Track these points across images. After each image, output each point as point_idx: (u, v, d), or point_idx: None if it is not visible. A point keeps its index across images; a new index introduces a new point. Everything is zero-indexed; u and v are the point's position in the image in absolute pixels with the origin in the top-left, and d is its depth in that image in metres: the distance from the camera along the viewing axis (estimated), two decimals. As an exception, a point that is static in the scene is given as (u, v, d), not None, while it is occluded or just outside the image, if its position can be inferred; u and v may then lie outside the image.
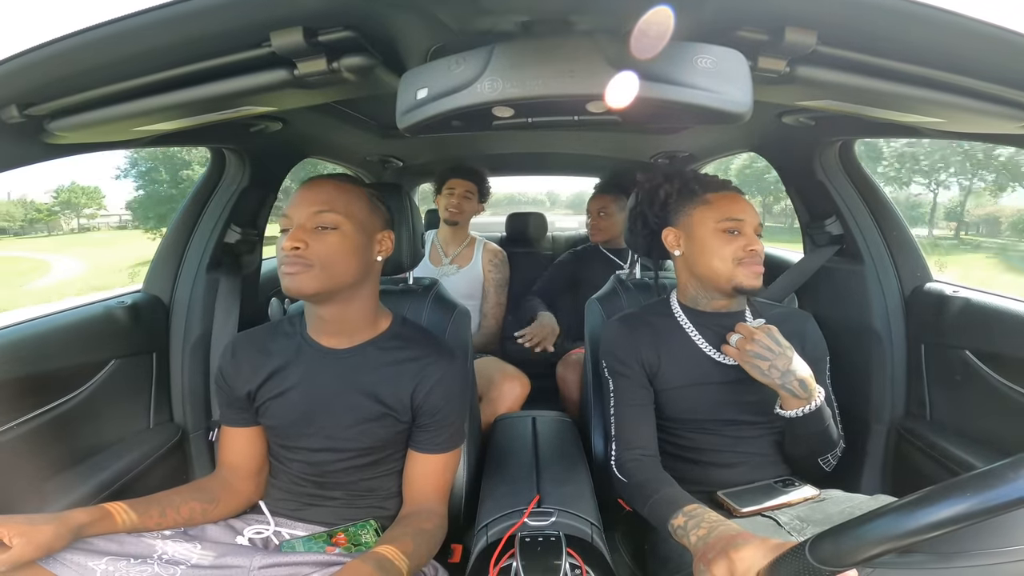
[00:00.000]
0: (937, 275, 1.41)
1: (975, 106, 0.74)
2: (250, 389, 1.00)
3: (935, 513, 0.49)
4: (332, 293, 0.93)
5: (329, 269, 0.90)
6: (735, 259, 1.06)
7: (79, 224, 37.53)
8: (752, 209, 1.09)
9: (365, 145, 1.98)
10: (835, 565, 0.52)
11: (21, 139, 0.85)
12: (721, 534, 0.76)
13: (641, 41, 0.55)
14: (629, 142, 2.10)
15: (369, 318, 1.01)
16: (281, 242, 0.90)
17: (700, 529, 0.81)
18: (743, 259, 1.05)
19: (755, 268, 1.06)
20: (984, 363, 1.19)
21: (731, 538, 0.73)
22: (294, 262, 0.88)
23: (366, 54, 0.71)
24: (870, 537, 0.51)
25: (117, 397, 1.31)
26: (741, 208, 1.08)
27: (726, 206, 1.08)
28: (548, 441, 1.33)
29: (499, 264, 2.21)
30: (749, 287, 1.06)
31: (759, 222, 1.09)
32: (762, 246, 1.07)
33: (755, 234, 1.08)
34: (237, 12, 0.60)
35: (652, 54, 0.57)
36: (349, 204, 0.93)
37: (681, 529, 0.84)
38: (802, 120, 1.24)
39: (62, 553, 0.79)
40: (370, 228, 0.97)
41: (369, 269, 0.97)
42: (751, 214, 1.08)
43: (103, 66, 0.69)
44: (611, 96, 0.60)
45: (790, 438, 1.08)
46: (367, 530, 0.99)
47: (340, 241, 0.91)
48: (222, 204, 1.51)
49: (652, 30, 0.54)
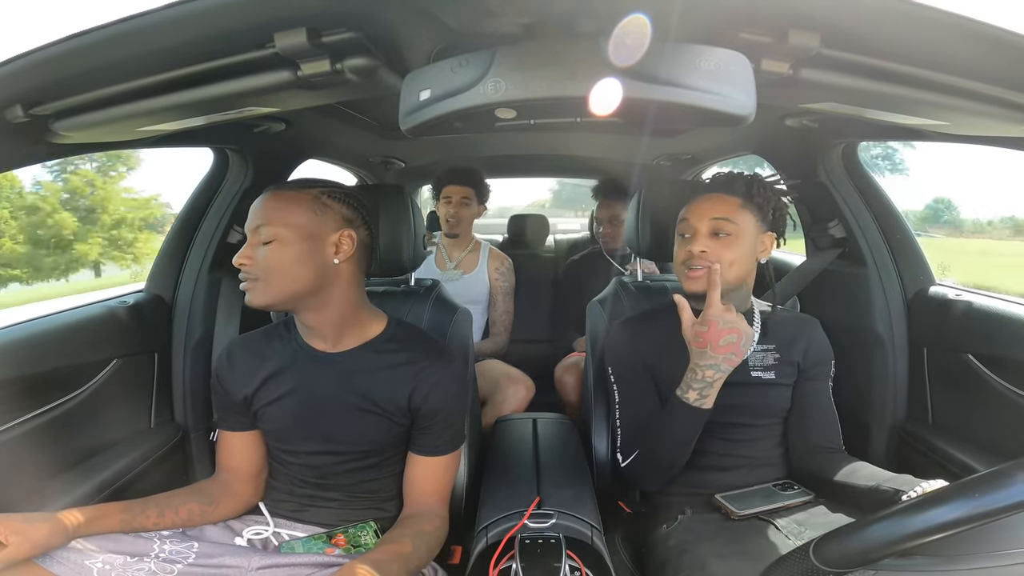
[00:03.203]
0: (940, 279, 1.41)
1: (979, 109, 0.74)
2: (246, 394, 1.00)
3: (941, 515, 0.49)
4: (292, 301, 0.93)
5: (273, 281, 0.90)
6: (682, 263, 1.06)
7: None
8: (708, 206, 1.04)
9: (367, 146, 1.98)
10: (840, 567, 0.52)
11: (26, 138, 0.85)
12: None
13: (625, 44, 0.56)
14: (631, 145, 2.10)
15: (353, 321, 1.00)
16: None
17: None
18: (685, 261, 1.05)
19: (690, 273, 1.04)
20: (987, 367, 1.18)
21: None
22: (244, 277, 0.92)
23: (369, 55, 0.72)
24: (875, 539, 0.51)
25: (119, 396, 1.31)
26: (694, 210, 1.06)
27: (685, 211, 1.08)
28: (549, 443, 1.32)
29: (506, 272, 2.19)
30: (688, 291, 1.04)
31: (713, 216, 1.03)
32: (709, 245, 1.02)
33: (709, 233, 1.03)
34: (241, 13, 0.61)
35: (645, 57, 0.57)
36: (285, 214, 0.91)
37: (682, 395, 0.99)
38: (805, 123, 1.24)
39: (58, 551, 0.79)
40: (318, 232, 0.93)
41: (326, 273, 0.94)
42: (702, 213, 1.04)
43: (108, 66, 0.70)
44: (613, 98, 0.60)
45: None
46: (367, 531, 0.99)
47: (277, 252, 0.90)
48: (225, 204, 1.51)
49: (629, 38, 0.54)
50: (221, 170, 1.51)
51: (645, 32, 0.55)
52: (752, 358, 1.10)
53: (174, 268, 1.49)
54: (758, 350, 1.10)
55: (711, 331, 0.96)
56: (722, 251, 1.03)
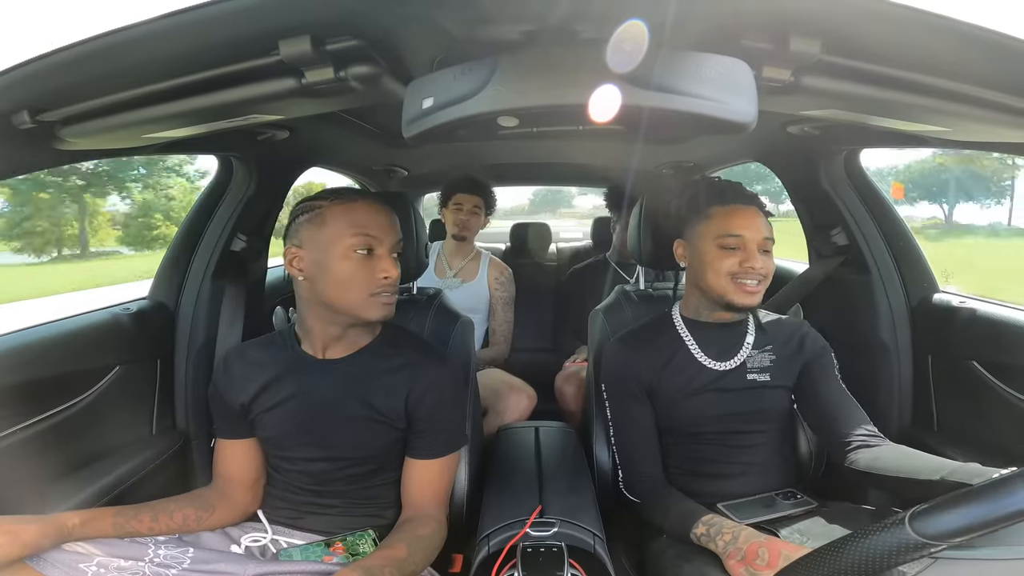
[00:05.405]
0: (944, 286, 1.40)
1: (981, 115, 0.74)
2: (243, 401, 1.00)
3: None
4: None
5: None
6: (729, 274, 1.03)
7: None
8: (758, 223, 1.04)
9: (371, 154, 1.99)
10: (938, 539, 0.49)
11: (33, 145, 0.86)
12: (748, 538, 0.88)
13: (625, 51, 0.56)
14: (634, 152, 2.10)
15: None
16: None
17: (724, 535, 0.90)
18: (737, 275, 1.03)
19: (748, 287, 1.03)
20: (991, 374, 1.17)
21: (763, 541, 0.86)
22: (394, 291, 0.99)
23: (373, 63, 0.72)
24: (978, 513, 0.49)
25: (121, 403, 1.31)
26: (742, 223, 1.04)
27: (726, 220, 1.05)
28: (551, 452, 1.32)
29: (506, 282, 2.20)
30: (740, 305, 1.04)
31: (765, 236, 1.04)
32: (765, 262, 1.03)
33: (759, 250, 1.03)
34: (246, 20, 0.61)
35: (645, 64, 0.57)
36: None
37: (705, 536, 0.93)
38: (807, 130, 1.24)
39: (53, 554, 0.80)
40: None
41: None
42: (754, 229, 1.04)
43: (114, 73, 0.70)
44: (615, 105, 0.60)
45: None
46: (365, 540, 0.99)
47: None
48: (228, 212, 1.51)
49: (629, 45, 0.55)
50: (225, 178, 1.52)
51: (645, 39, 0.55)
52: (750, 360, 1.10)
53: (177, 275, 1.50)
54: (755, 352, 1.10)
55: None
56: (770, 264, 1.05)
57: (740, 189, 1.10)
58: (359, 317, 0.94)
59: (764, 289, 1.05)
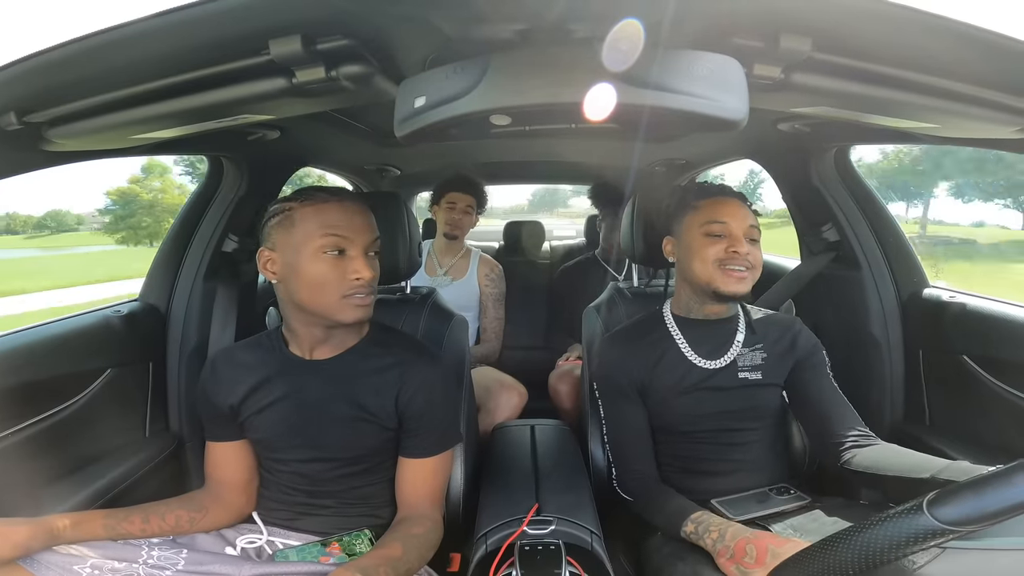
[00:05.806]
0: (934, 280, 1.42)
1: (970, 112, 0.74)
2: (232, 404, 0.99)
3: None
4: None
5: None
6: (716, 261, 1.04)
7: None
8: (743, 213, 1.06)
9: (362, 154, 1.98)
10: (955, 525, 0.49)
11: (20, 146, 0.85)
12: (735, 535, 0.86)
13: (619, 50, 0.56)
14: (626, 150, 2.11)
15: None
16: None
17: (712, 532, 0.89)
18: (724, 261, 1.04)
19: (735, 273, 1.04)
20: (982, 368, 1.19)
21: (750, 537, 0.84)
22: (367, 292, 0.98)
23: (364, 62, 0.72)
24: (996, 500, 0.48)
25: (113, 406, 1.30)
26: (727, 211, 1.06)
27: (711, 209, 1.07)
28: (547, 450, 1.32)
29: (496, 279, 2.19)
30: (727, 292, 1.04)
31: (750, 224, 1.06)
32: (752, 250, 1.04)
33: (744, 237, 1.05)
34: (236, 20, 0.60)
35: (638, 62, 0.57)
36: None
37: (694, 535, 0.92)
38: (797, 127, 1.25)
39: (46, 556, 0.79)
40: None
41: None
42: (739, 218, 1.05)
43: (102, 73, 0.69)
44: (608, 104, 0.60)
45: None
46: (362, 539, 0.99)
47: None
48: (220, 213, 1.50)
49: (623, 43, 0.55)
50: (216, 178, 1.50)
51: (638, 37, 0.55)
52: (740, 359, 1.10)
53: (169, 277, 1.48)
54: (746, 350, 1.11)
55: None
56: (757, 254, 1.06)
57: (726, 187, 1.12)
58: (333, 319, 0.93)
59: (752, 279, 1.05)
